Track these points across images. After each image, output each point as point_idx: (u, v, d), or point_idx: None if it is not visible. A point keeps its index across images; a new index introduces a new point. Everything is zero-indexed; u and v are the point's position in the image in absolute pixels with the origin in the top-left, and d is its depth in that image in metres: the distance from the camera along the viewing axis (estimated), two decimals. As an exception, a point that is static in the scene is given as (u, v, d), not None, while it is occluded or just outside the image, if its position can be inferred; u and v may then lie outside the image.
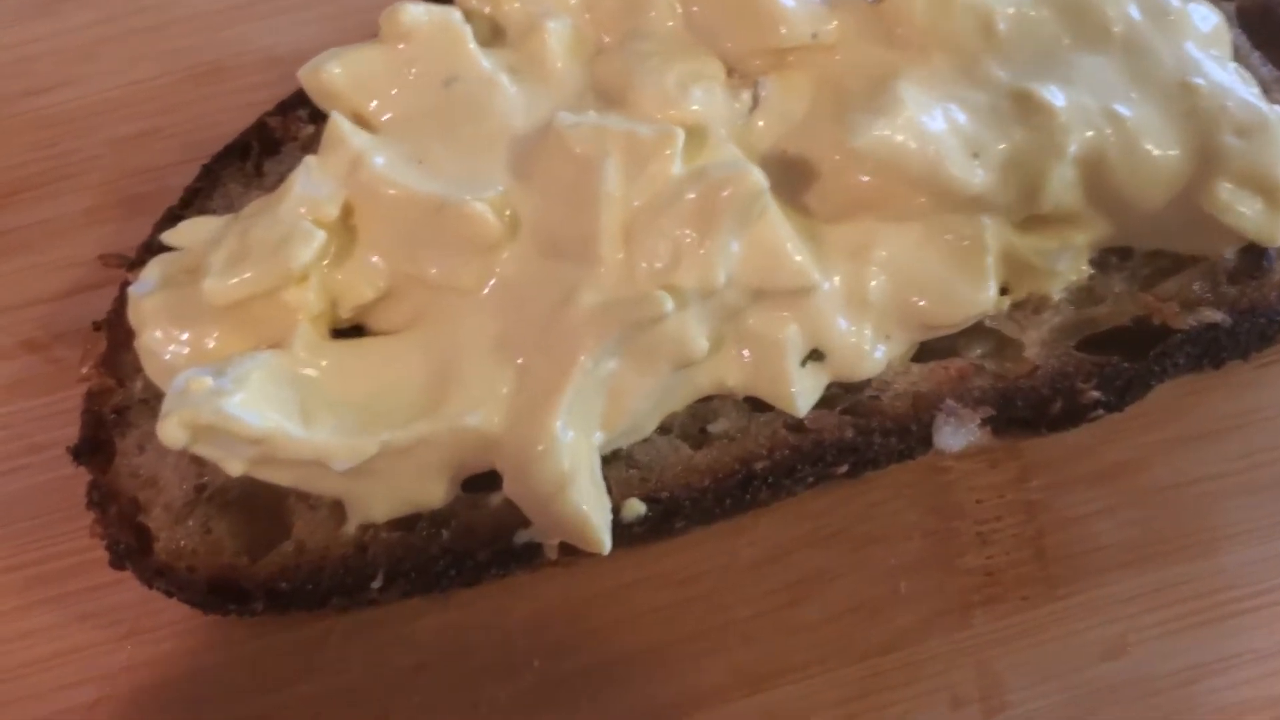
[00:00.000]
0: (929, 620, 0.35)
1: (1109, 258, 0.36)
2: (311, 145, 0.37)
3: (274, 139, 0.39)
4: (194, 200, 0.38)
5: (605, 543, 0.31)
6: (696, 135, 0.32)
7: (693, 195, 0.31)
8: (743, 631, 0.35)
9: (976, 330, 0.35)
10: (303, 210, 0.32)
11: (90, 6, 0.45)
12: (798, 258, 0.32)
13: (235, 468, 0.31)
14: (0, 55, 0.45)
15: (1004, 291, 0.35)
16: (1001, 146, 0.33)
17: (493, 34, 0.36)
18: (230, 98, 0.43)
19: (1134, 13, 0.34)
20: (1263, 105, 0.34)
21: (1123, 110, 0.33)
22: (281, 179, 0.36)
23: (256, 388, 0.30)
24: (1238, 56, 0.37)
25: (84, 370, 0.36)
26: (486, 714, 0.33)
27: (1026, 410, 0.34)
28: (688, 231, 0.31)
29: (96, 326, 0.37)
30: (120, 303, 0.37)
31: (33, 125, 0.43)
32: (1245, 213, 0.34)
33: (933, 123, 0.32)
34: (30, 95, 0.44)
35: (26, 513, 0.37)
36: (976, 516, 0.36)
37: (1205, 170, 0.33)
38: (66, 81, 0.44)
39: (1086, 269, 0.36)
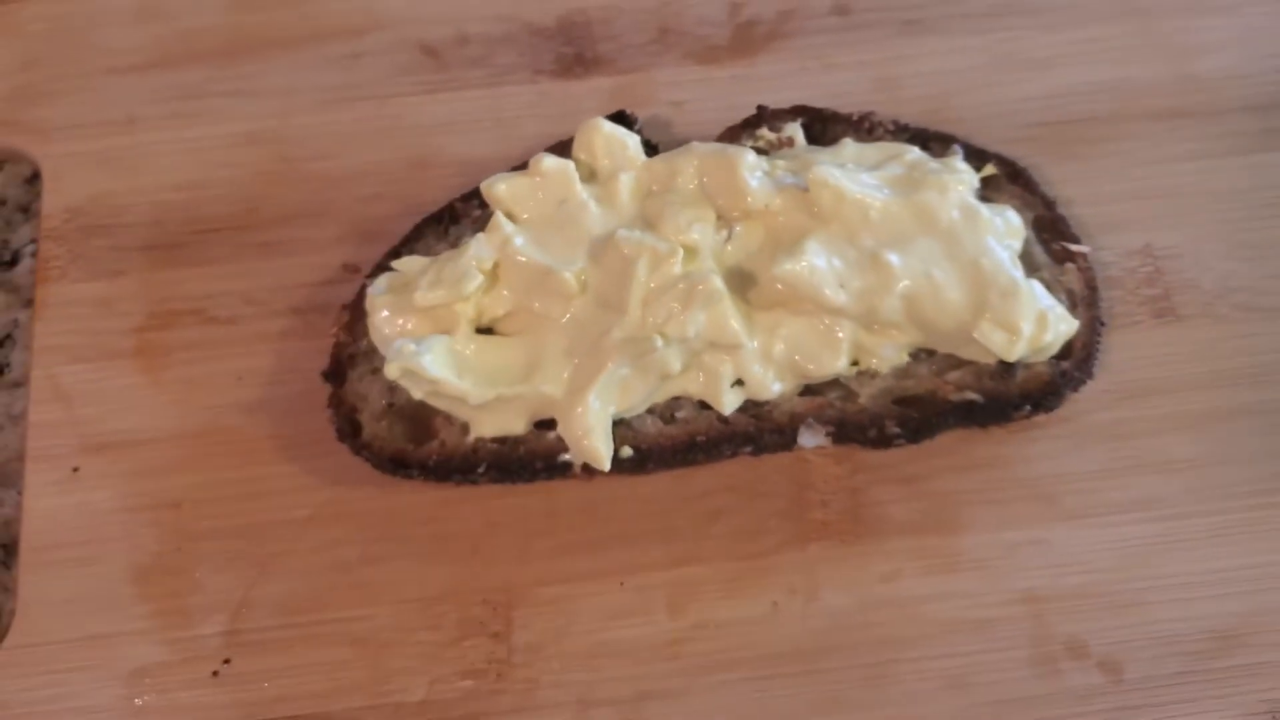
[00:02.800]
0: (784, 544, 0.54)
1: (920, 353, 0.55)
2: (480, 223, 0.56)
3: (457, 215, 0.58)
4: (407, 244, 0.58)
5: (606, 466, 0.53)
6: (690, 252, 0.53)
7: (682, 286, 0.52)
8: (675, 533, 0.54)
9: (835, 383, 0.55)
10: (473, 263, 0.53)
11: (372, 105, 0.64)
12: (735, 327, 0.53)
13: (417, 395, 0.53)
14: (299, 132, 0.64)
15: (855, 363, 0.56)
16: (857, 284, 0.53)
17: (590, 174, 0.57)
18: (433, 181, 0.61)
19: (956, 215, 0.54)
20: (1020, 280, 0.54)
21: (935, 272, 0.53)
22: (459, 238, 0.57)
23: (437, 354, 0.52)
24: (1027, 246, 0.58)
25: (333, 330, 0.56)
26: (530, 556, 0.54)
27: (855, 432, 0.55)
28: (676, 305, 0.52)
29: (344, 307, 0.57)
30: (360, 295, 0.56)
31: (307, 178, 0.62)
32: (996, 341, 0.53)
33: (820, 264, 0.53)
34: (310, 160, 0.63)
35: (286, 405, 0.57)
36: (822, 491, 0.55)
37: (978, 312, 0.53)
38: (330, 155, 0.63)
39: (906, 358, 0.55)
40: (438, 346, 0.53)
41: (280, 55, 0.67)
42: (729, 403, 0.55)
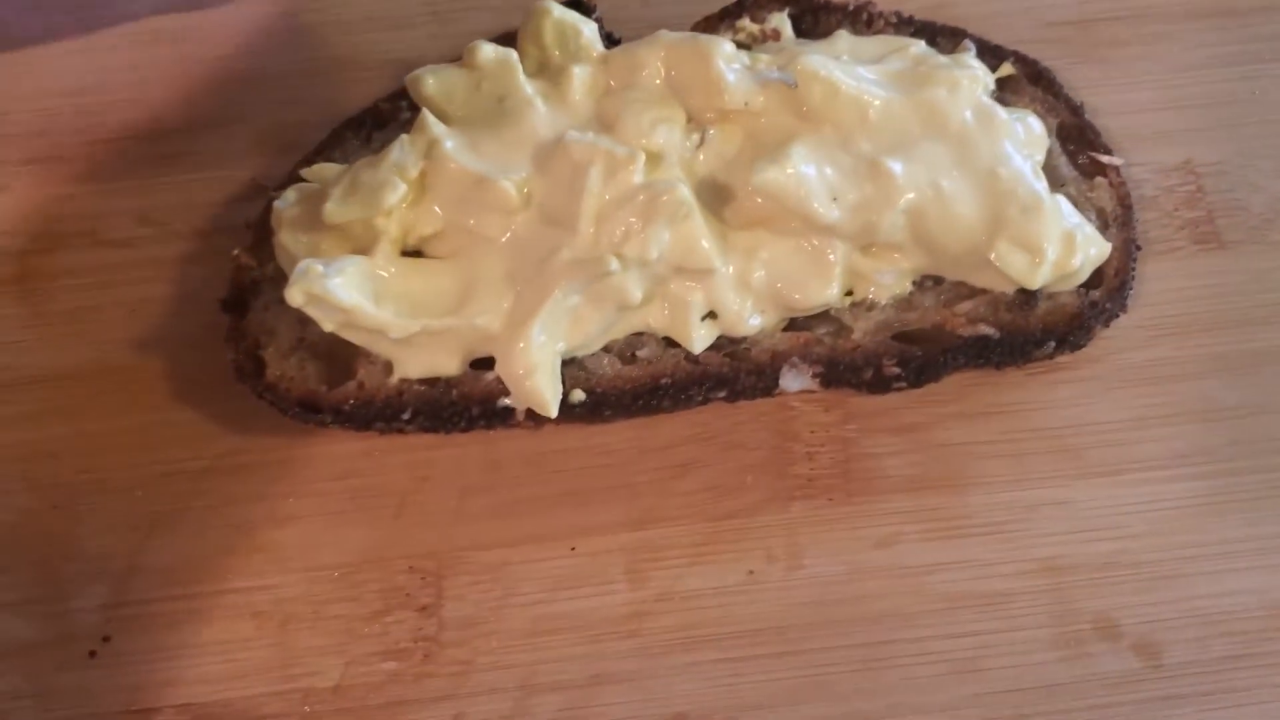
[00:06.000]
0: (762, 503, 0.48)
1: (926, 281, 0.49)
2: (407, 125, 0.49)
3: (382, 117, 0.52)
4: (323, 151, 0.51)
5: (553, 412, 0.46)
6: (654, 159, 0.47)
7: (643, 198, 0.45)
8: (636, 490, 0.48)
9: (825, 316, 0.49)
10: (394, 171, 0.46)
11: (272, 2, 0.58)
12: (707, 248, 0.46)
13: (327, 326, 0.46)
14: (210, 28, 0.57)
15: (849, 294, 0.49)
16: (852, 196, 0.47)
17: (539, 68, 0.50)
18: (359, 85, 0.55)
19: (968, 117, 0.48)
20: (1044, 194, 0.47)
21: (944, 183, 0.47)
22: (384, 145, 0.49)
23: (349, 277, 0.45)
24: (1050, 158, 0.51)
25: (235, 252, 0.50)
26: (465, 516, 0.48)
27: (847, 373, 0.48)
28: (635, 220, 0.45)
29: (247, 225, 0.51)
30: (266, 210, 0.50)
31: (217, 81, 0.56)
32: (1015, 264, 0.47)
33: (808, 173, 0.46)
34: (221, 60, 0.57)
35: (185, 340, 0.51)
36: (807, 441, 0.49)
37: (995, 231, 0.47)
38: (244, 55, 0.57)
39: (909, 287, 0.49)
40: (350, 269, 0.45)
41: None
42: (699, 339, 0.48)
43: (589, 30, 0.50)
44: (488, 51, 0.49)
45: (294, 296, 0.45)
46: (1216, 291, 0.52)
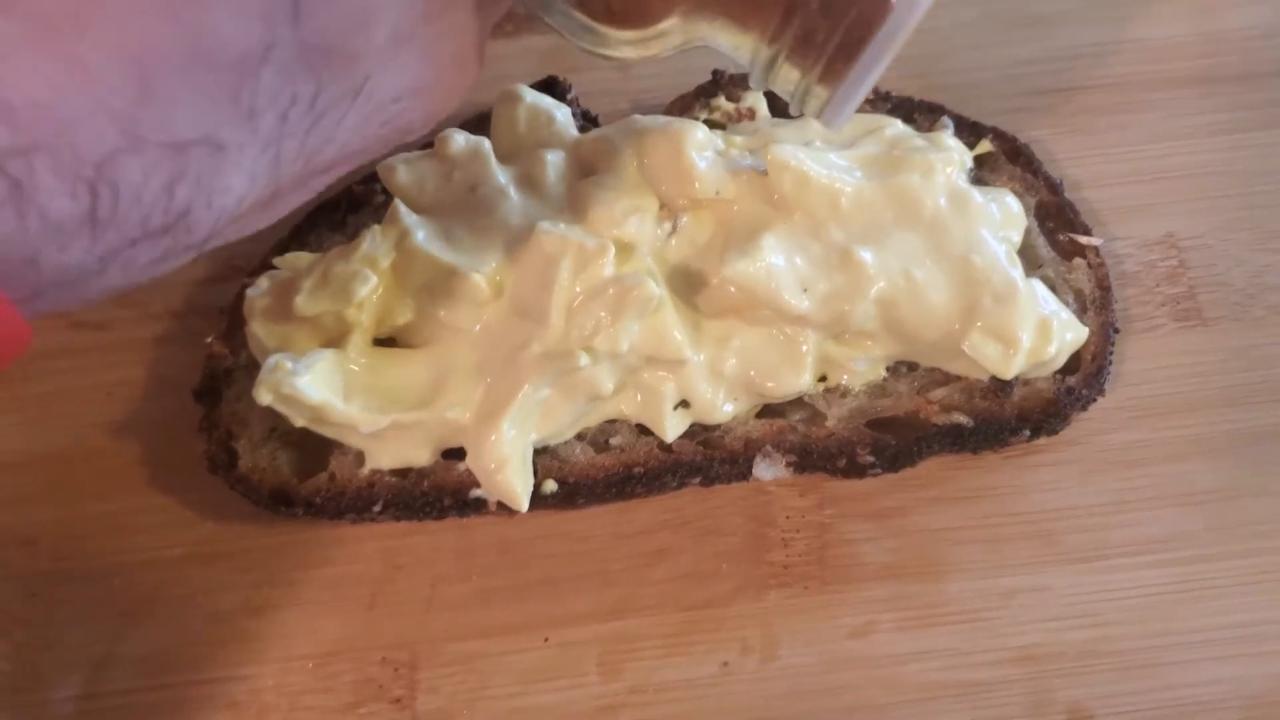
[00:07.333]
0: (737, 591, 0.47)
1: (900, 368, 0.49)
2: (381, 210, 0.50)
3: (357, 201, 0.51)
4: (297, 236, 0.51)
5: (523, 506, 0.46)
6: (626, 249, 0.46)
7: (613, 291, 0.44)
8: (610, 578, 0.47)
9: (799, 402, 0.48)
10: (365, 263, 0.46)
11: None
12: (679, 339, 0.46)
13: (298, 422, 0.45)
14: None
15: (822, 379, 0.49)
16: (823, 286, 0.46)
17: (511, 151, 0.49)
18: None
19: (942, 202, 0.47)
20: (1019, 281, 0.47)
21: (916, 271, 0.46)
22: (358, 229, 0.49)
23: (318, 373, 0.44)
24: (1028, 237, 0.50)
25: (208, 340, 0.50)
26: (438, 605, 0.47)
27: (821, 461, 0.48)
28: (605, 314, 0.44)
29: (221, 311, 0.51)
30: (239, 297, 0.49)
31: None
32: (988, 354, 0.46)
33: (778, 264, 0.46)
34: None
35: (161, 424, 0.51)
36: (783, 527, 0.48)
37: (968, 320, 0.46)
38: None
39: (883, 374, 0.49)
40: (320, 364, 0.45)
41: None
42: (672, 428, 0.47)
43: (561, 115, 0.50)
44: (459, 141, 0.49)
45: (261, 396, 0.44)
46: (1197, 370, 0.51)
